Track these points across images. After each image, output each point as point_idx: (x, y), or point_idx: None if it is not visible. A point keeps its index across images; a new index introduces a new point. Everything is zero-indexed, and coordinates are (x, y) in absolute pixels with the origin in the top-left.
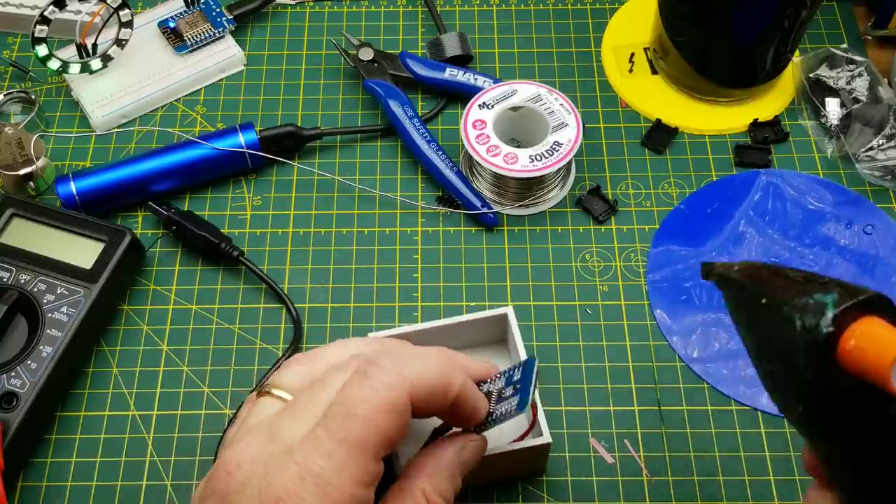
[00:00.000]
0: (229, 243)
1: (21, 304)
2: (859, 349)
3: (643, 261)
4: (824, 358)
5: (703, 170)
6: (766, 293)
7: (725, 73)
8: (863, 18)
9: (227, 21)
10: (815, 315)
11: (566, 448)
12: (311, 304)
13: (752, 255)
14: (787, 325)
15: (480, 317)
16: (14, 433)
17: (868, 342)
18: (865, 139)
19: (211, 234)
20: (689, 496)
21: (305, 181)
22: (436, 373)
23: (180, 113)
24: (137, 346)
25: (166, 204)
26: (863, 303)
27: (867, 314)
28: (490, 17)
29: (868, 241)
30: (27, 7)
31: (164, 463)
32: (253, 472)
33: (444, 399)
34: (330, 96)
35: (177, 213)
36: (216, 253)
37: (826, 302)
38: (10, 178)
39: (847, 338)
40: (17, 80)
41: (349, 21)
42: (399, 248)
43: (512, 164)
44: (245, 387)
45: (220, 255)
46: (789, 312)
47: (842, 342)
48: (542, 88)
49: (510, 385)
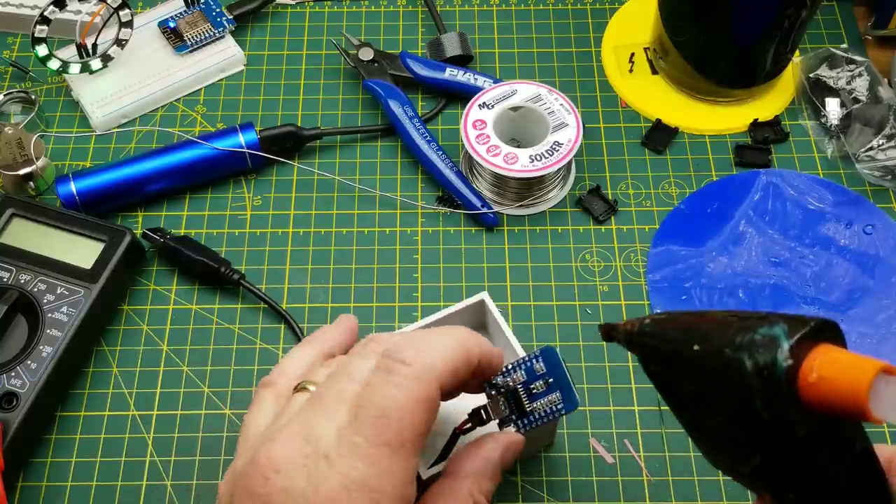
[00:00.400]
0: (228, 267)
1: (21, 304)
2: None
3: (643, 261)
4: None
5: (703, 170)
6: (697, 340)
7: (725, 73)
8: (863, 18)
9: (227, 21)
10: (769, 350)
11: (566, 448)
12: (311, 305)
13: (752, 255)
14: (732, 368)
15: (459, 308)
16: (14, 433)
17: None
18: (865, 139)
19: (209, 259)
20: (689, 496)
21: (305, 181)
22: (456, 350)
23: (180, 113)
24: (137, 346)
25: (160, 230)
26: (814, 329)
27: (819, 342)
28: (490, 17)
29: (868, 241)
30: (27, 7)
31: (164, 463)
32: (294, 478)
33: (468, 372)
34: (330, 96)
35: (172, 238)
36: (216, 278)
37: (777, 334)
38: (10, 178)
39: (807, 370)
40: (17, 80)
41: (349, 21)
42: (399, 248)
43: (512, 164)
44: (245, 387)
45: (221, 279)
46: (734, 353)
47: (802, 375)
48: (542, 88)
49: (538, 380)
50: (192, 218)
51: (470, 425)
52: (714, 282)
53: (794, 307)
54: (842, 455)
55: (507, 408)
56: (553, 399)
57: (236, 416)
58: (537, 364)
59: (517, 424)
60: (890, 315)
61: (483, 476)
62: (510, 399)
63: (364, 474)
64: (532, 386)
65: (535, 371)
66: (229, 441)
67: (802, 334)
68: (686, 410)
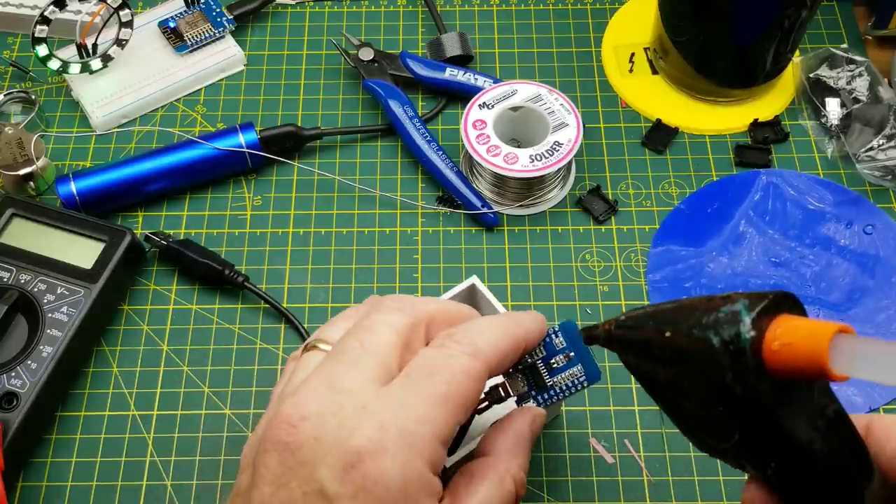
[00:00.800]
0: (232, 269)
1: (21, 304)
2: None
3: (643, 261)
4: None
5: (703, 170)
6: (667, 326)
7: (725, 73)
8: (863, 18)
9: (227, 21)
10: (732, 325)
11: (566, 448)
12: (311, 305)
13: (752, 255)
14: (701, 348)
15: (450, 295)
16: (14, 433)
17: (793, 337)
18: (865, 139)
19: (213, 262)
20: (689, 496)
21: (305, 181)
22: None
23: (180, 113)
24: (137, 346)
25: (162, 233)
26: (773, 301)
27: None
28: (490, 17)
29: (868, 241)
30: (27, 7)
31: (164, 463)
32: (324, 424)
33: (515, 359)
34: (330, 96)
35: (175, 242)
36: (220, 280)
37: (738, 310)
38: (10, 178)
39: (770, 339)
40: (17, 80)
41: (349, 21)
42: (399, 248)
43: (512, 164)
44: (245, 387)
45: (224, 281)
46: (701, 333)
47: (766, 345)
48: (543, 88)
49: (558, 354)
50: (192, 218)
51: (486, 404)
52: (714, 282)
53: None
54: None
55: (526, 384)
56: (575, 372)
57: (236, 416)
58: (557, 339)
59: (537, 400)
60: (890, 315)
61: (517, 452)
62: (528, 375)
63: (403, 417)
64: (552, 361)
65: (554, 346)
66: (229, 441)
67: (762, 307)
68: (666, 397)
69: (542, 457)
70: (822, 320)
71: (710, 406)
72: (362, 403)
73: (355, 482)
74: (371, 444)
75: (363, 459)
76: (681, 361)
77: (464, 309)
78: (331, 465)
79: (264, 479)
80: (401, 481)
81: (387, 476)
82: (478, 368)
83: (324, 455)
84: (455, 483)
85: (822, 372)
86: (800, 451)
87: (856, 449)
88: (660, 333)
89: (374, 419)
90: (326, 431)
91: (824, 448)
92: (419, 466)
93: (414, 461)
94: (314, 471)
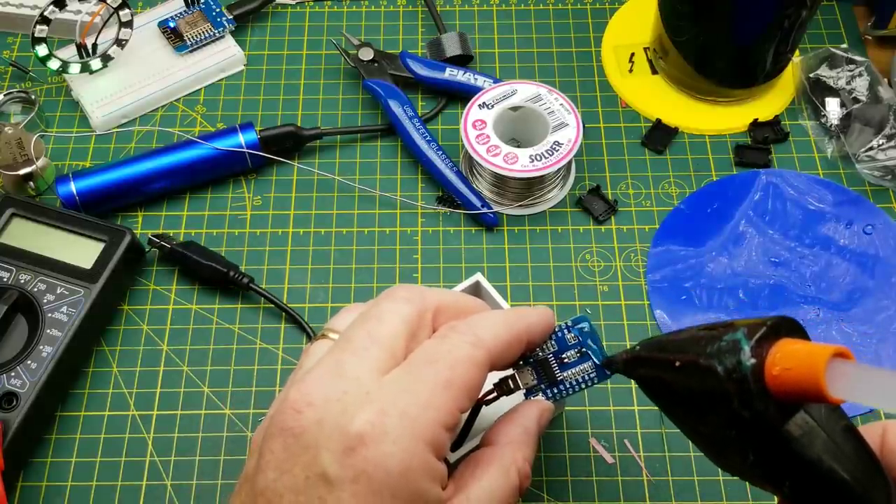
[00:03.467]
0: (237, 271)
1: (21, 304)
2: (786, 370)
3: (643, 261)
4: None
5: (703, 170)
6: (675, 357)
7: (725, 73)
8: (863, 18)
9: (227, 21)
10: (733, 354)
11: (566, 448)
12: (311, 304)
13: (752, 255)
14: (708, 376)
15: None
16: (14, 433)
17: (791, 361)
18: (865, 139)
19: (217, 264)
20: (689, 496)
21: (305, 181)
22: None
23: (180, 113)
24: (137, 346)
25: (165, 236)
26: (772, 328)
27: (779, 338)
28: (490, 17)
29: (868, 241)
30: (27, 7)
31: (164, 463)
32: (328, 410)
33: (518, 353)
34: (330, 96)
35: (178, 244)
36: (225, 281)
37: (738, 338)
38: (10, 178)
39: (770, 364)
40: (17, 80)
41: (349, 21)
42: (399, 248)
43: (512, 164)
44: (245, 387)
45: (229, 283)
46: (707, 363)
47: (767, 370)
48: (542, 88)
49: (569, 349)
50: (192, 218)
51: (494, 395)
52: (714, 282)
53: (794, 307)
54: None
55: (535, 377)
56: (586, 368)
57: (236, 416)
58: (569, 334)
59: (546, 393)
60: (890, 315)
61: (524, 443)
62: (539, 368)
63: (405, 402)
64: (564, 355)
65: (566, 341)
66: (229, 441)
67: (761, 335)
68: (685, 424)
69: (542, 457)
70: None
71: (724, 430)
72: (366, 390)
73: (356, 466)
74: (372, 429)
75: (364, 443)
76: (692, 390)
77: (473, 301)
78: (332, 449)
79: (269, 463)
80: (402, 465)
81: (387, 460)
82: (480, 357)
83: (326, 440)
84: (460, 471)
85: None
86: (811, 469)
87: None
88: (671, 364)
89: (376, 404)
90: (329, 417)
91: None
92: (421, 451)
93: (416, 445)
94: (316, 455)
